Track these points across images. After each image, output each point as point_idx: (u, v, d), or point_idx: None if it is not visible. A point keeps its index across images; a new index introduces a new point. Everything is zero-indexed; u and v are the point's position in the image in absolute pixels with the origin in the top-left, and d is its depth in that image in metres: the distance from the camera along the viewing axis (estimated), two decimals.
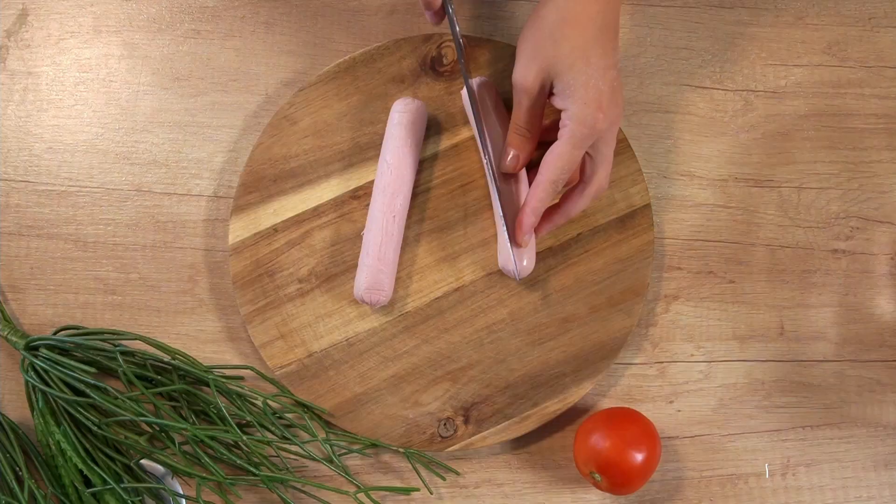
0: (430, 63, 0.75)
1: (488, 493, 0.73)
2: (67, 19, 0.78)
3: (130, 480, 0.69)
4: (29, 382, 0.70)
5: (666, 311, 0.75)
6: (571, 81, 0.63)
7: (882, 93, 0.77)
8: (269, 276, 0.73)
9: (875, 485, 0.73)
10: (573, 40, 0.63)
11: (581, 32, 0.63)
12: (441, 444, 0.71)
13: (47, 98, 0.77)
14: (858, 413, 0.74)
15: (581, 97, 0.63)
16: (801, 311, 0.75)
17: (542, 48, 0.63)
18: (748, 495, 0.73)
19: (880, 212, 0.76)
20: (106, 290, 0.75)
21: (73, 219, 0.76)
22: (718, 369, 0.74)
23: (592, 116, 0.63)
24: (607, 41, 0.64)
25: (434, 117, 0.75)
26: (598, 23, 0.63)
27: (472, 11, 0.78)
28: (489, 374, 0.72)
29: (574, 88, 0.63)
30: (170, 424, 0.68)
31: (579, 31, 0.62)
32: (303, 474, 0.72)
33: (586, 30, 0.63)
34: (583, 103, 0.63)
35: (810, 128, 0.77)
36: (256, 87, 0.77)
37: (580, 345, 0.72)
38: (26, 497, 0.68)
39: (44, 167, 0.76)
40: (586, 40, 0.63)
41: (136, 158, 0.76)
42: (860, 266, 0.75)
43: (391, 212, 0.70)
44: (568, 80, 0.63)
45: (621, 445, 0.67)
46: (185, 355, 0.71)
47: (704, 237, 0.75)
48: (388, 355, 0.72)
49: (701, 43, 0.77)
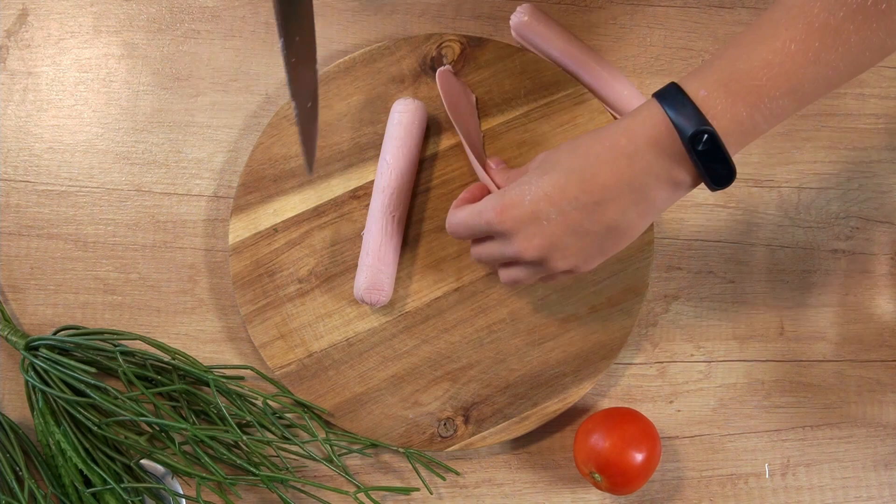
0: (430, 63, 0.75)
1: (488, 493, 0.73)
2: (67, 19, 0.78)
3: (130, 480, 0.69)
4: (29, 382, 0.70)
5: (666, 311, 0.75)
6: (519, 180, 0.59)
7: (882, 93, 0.77)
8: (269, 276, 0.73)
9: (875, 485, 0.73)
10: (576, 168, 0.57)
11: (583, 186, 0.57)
12: (441, 444, 0.71)
13: (47, 98, 0.77)
14: (858, 413, 0.74)
15: (506, 191, 0.59)
16: (801, 311, 0.75)
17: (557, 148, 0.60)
18: (748, 495, 0.73)
19: (880, 212, 0.76)
20: (106, 290, 0.75)
21: (73, 219, 0.76)
22: (718, 369, 0.74)
23: (490, 210, 0.59)
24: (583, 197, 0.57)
25: (434, 117, 0.75)
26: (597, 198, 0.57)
27: (472, 11, 0.78)
28: (489, 374, 0.72)
29: (514, 184, 0.59)
30: (170, 424, 0.68)
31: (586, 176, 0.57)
32: (303, 474, 0.72)
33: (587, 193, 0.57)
34: (500, 195, 0.59)
35: (810, 128, 0.77)
36: (256, 87, 0.77)
37: (580, 345, 0.72)
38: (26, 497, 0.68)
39: (44, 167, 0.76)
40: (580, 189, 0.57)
41: (136, 158, 0.76)
42: (860, 266, 0.75)
43: (391, 212, 0.70)
44: (520, 179, 0.60)
45: (621, 445, 0.67)
46: (185, 355, 0.71)
47: (704, 237, 0.75)
48: (388, 355, 0.72)
49: (701, 43, 0.77)
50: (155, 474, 0.70)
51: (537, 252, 0.59)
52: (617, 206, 0.57)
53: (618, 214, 0.57)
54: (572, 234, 0.58)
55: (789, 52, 0.52)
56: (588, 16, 0.78)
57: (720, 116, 0.53)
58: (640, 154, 0.55)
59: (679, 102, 0.54)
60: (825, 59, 0.52)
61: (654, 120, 0.55)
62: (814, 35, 0.52)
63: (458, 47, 0.75)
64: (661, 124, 0.54)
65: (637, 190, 0.56)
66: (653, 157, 0.55)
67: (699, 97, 0.53)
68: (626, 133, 0.56)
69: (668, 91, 0.55)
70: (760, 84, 0.53)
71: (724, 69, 0.53)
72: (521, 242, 0.59)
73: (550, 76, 0.75)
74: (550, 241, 0.58)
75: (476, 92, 0.75)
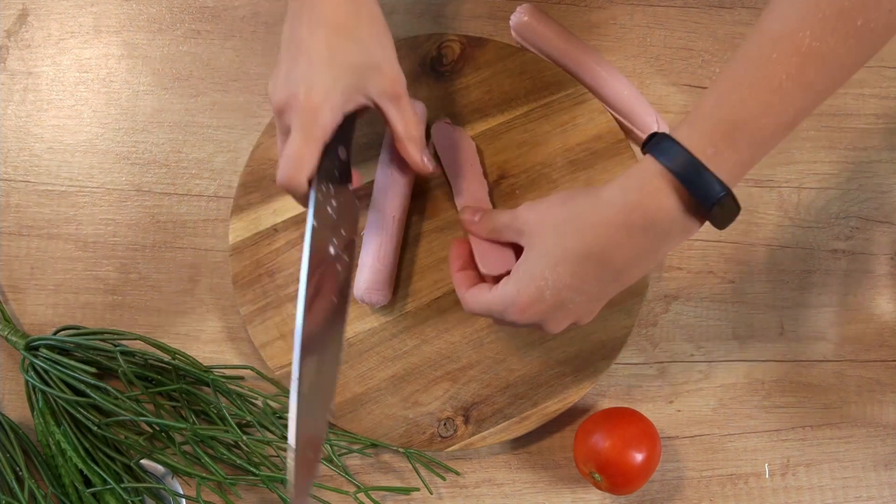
0: (430, 63, 0.75)
1: (488, 493, 0.73)
2: (67, 19, 0.78)
3: (130, 480, 0.69)
4: (29, 382, 0.70)
5: (666, 311, 0.75)
6: (532, 263, 0.58)
7: (882, 93, 0.77)
8: (270, 276, 0.73)
9: (875, 485, 0.73)
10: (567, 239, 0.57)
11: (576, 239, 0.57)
12: (441, 444, 0.71)
13: (47, 98, 0.77)
14: (858, 413, 0.74)
15: (522, 285, 0.58)
16: (801, 311, 0.75)
17: (549, 212, 0.59)
18: (748, 495, 0.73)
19: (880, 212, 0.76)
20: (106, 290, 0.75)
21: (73, 219, 0.76)
22: (718, 369, 0.74)
23: (513, 309, 0.59)
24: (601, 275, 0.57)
25: (434, 117, 0.74)
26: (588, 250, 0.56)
27: (472, 11, 0.78)
28: (489, 374, 0.72)
29: (528, 270, 0.58)
30: (170, 424, 0.68)
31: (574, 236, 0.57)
32: None
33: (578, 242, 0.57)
34: (516, 291, 0.59)
35: (810, 128, 0.77)
36: (256, 87, 0.77)
37: (580, 345, 0.72)
38: (26, 497, 0.68)
39: (44, 167, 0.76)
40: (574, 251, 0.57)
41: (136, 158, 0.76)
42: (860, 266, 0.75)
43: (391, 213, 0.70)
44: (528, 255, 0.59)
45: (621, 445, 0.67)
46: (185, 355, 0.71)
47: (704, 237, 0.75)
48: (388, 355, 0.72)
49: (701, 43, 0.77)
50: (155, 474, 0.70)
51: (564, 327, 0.60)
52: (637, 270, 0.57)
53: (637, 274, 0.58)
54: (595, 301, 0.59)
55: (787, 89, 0.52)
56: (588, 16, 0.78)
57: (730, 171, 0.53)
58: (657, 225, 0.54)
59: (693, 172, 0.52)
60: (819, 84, 0.53)
61: (666, 190, 0.53)
62: (808, 65, 0.51)
63: (458, 47, 0.75)
64: (673, 193, 0.53)
65: (654, 251, 0.56)
66: (669, 224, 0.55)
67: (708, 156, 0.52)
68: (638, 209, 0.54)
69: (678, 159, 0.53)
70: (763, 129, 0.53)
71: (727, 119, 0.52)
72: (548, 326, 0.60)
73: (550, 76, 0.75)
74: (576, 315, 0.60)
75: (476, 92, 0.75)
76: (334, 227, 0.61)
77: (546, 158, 0.74)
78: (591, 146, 0.74)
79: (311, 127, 0.58)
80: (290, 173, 0.58)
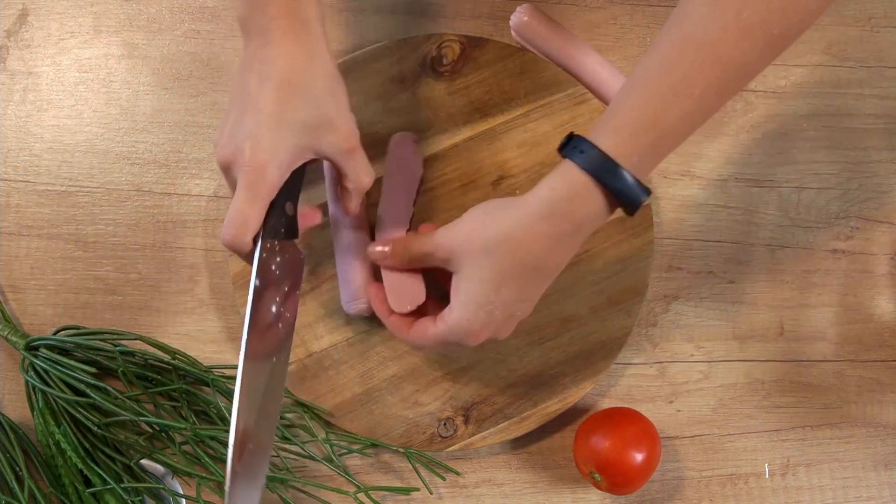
0: (430, 63, 0.75)
1: (488, 493, 0.73)
2: (67, 19, 0.78)
3: (130, 480, 0.69)
4: (29, 382, 0.70)
5: (666, 311, 0.75)
6: (469, 288, 0.58)
7: (882, 93, 0.77)
8: None
9: (875, 485, 0.73)
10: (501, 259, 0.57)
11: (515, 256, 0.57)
12: (441, 444, 0.71)
13: (47, 98, 0.77)
14: (858, 413, 0.74)
15: (464, 311, 0.59)
16: (801, 311, 0.75)
17: (473, 235, 0.59)
18: (748, 495, 0.73)
19: (880, 212, 0.76)
20: (106, 290, 0.75)
21: (73, 219, 0.76)
22: (718, 369, 0.74)
23: (468, 337, 0.60)
24: (537, 280, 0.59)
25: (434, 117, 0.74)
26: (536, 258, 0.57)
27: (472, 11, 0.78)
28: (489, 374, 0.72)
29: (466, 295, 0.59)
30: (170, 424, 0.68)
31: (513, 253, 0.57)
32: (303, 474, 0.72)
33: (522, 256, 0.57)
34: (466, 321, 0.59)
35: (810, 128, 0.77)
36: None
37: (580, 345, 0.72)
38: (26, 497, 0.68)
39: (44, 167, 0.76)
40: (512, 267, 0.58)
41: (136, 158, 0.76)
42: (860, 266, 0.75)
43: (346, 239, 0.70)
44: (465, 282, 0.59)
45: (621, 445, 0.67)
46: (185, 355, 0.71)
47: (704, 237, 0.75)
48: (388, 355, 0.72)
49: None
50: (155, 474, 0.70)
51: (513, 330, 0.62)
52: (565, 263, 0.60)
53: (565, 265, 0.60)
54: (536, 299, 0.61)
55: (707, 97, 0.54)
56: (588, 16, 0.78)
57: (647, 172, 0.56)
58: (584, 227, 0.57)
59: (620, 181, 0.55)
60: (733, 90, 0.56)
61: (596, 200, 0.56)
62: (728, 74, 0.54)
63: (458, 47, 0.75)
64: (602, 201, 0.56)
65: (578, 245, 0.59)
66: (594, 224, 0.58)
67: (633, 163, 0.55)
68: (567, 217, 0.56)
69: (604, 167, 0.55)
70: (681, 135, 0.56)
71: (651, 128, 0.55)
72: (500, 336, 0.62)
73: (550, 76, 0.75)
74: (522, 315, 0.62)
75: (476, 92, 0.75)
76: (278, 283, 0.61)
77: (546, 158, 0.74)
78: None
79: (256, 186, 0.57)
80: (233, 233, 0.57)
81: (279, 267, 0.61)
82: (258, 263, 0.59)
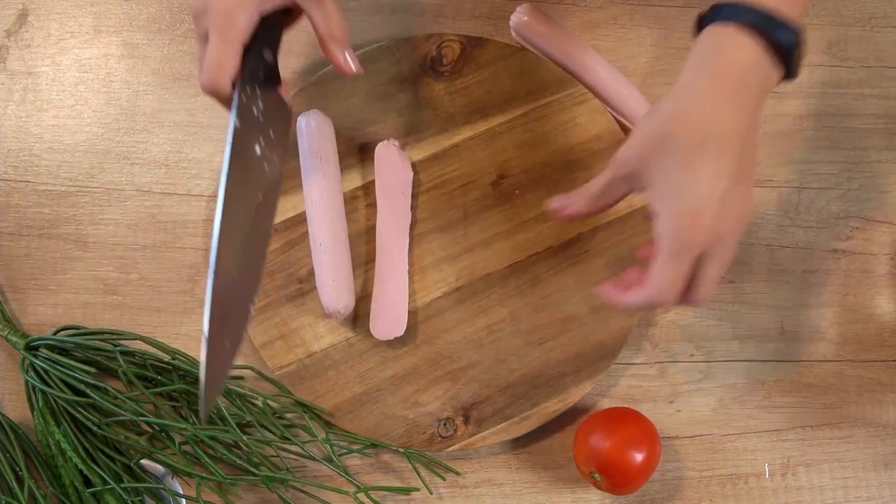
0: (430, 63, 0.75)
1: (488, 493, 0.73)
2: (67, 19, 0.78)
3: (130, 480, 0.69)
4: (29, 382, 0.70)
5: (666, 311, 0.75)
6: (666, 186, 0.55)
7: (882, 93, 0.77)
8: (269, 276, 0.73)
9: (875, 485, 0.73)
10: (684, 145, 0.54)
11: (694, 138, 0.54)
12: (441, 444, 0.71)
13: (47, 98, 0.77)
14: (858, 413, 0.74)
15: (675, 206, 0.54)
16: (801, 311, 0.75)
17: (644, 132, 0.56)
18: (748, 495, 0.73)
19: (880, 212, 0.76)
20: (106, 290, 0.75)
21: (73, 219, 0.76)
22: (718, 369, 0.74)
23: (686, 231, 0.53)
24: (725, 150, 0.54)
25: (434, 117, 0.74)
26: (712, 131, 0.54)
27: (472, 11, 0.78)
28: (489, 374, 0.72)
29: (668, 194, 0.54)
30: (170, 424, 0.68)
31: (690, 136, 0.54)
32: (303, 474, 0.72)
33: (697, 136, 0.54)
34: (675, 214, 0.54)
35: (810, 128, 0.77)
36: None
37: (580, 345, 0.72)
38: (26, 497, 0.68)
39: (44, 167, 0.76)
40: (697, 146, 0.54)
41: (136, 158, 0.76)
42: (860, 266, 0.75)
43: (320, 239, 0.70)
44: (659, 183, 0.55)
45: (621, 445, 0.67)
46: (185, 355, 0.71)
47: None
48: (389, 355, 0.72)
49: None
50: (155, 474, 0.70)
51: (744, 224, 0.56)
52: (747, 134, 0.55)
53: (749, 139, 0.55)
54: (749, 182, 0.56)
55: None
56: (588, 16, 0.78)
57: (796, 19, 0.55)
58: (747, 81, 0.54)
59: (753, 14, 0.54)
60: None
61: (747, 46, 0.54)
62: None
63: (458, 47, 0.75)
64: (753, 46, 0.54)
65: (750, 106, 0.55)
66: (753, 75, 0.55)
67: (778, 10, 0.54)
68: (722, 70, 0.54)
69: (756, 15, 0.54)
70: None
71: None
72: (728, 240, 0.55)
73: (550, 76, 0.75)
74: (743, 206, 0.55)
75: (476, 92, 0.75)
76: (261, 128, 0.61)
77: (546, 158, 0.74)
78: (591, 146, 0.74)
79: (226, 29, 0.58)
80: (211, 76, 0.59)
81: (261, 113, 0.61)
82: (237, 106, 0.59)
